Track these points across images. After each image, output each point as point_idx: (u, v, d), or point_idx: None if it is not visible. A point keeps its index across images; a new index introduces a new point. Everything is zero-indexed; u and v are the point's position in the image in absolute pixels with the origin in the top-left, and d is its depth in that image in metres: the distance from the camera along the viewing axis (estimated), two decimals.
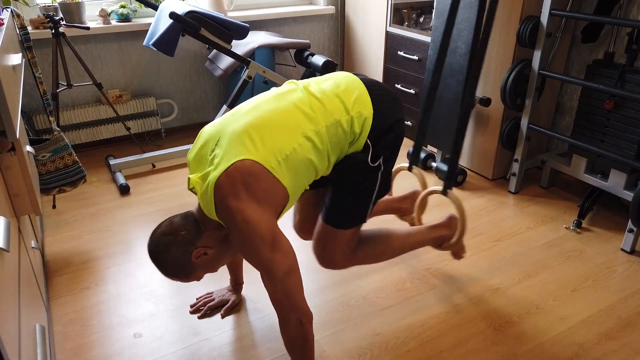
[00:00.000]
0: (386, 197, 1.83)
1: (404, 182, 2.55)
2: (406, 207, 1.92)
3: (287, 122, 1.24)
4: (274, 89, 1.36)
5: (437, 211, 2.27)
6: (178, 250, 1.24)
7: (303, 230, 1.64)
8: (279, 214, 1.25)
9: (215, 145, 1.23)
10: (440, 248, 1.74)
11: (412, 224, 1.95)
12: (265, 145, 1.20)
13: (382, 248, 1.56)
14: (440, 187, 1.76)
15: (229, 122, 1.27)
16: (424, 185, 1.89)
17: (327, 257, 1.47)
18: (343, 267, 1.51)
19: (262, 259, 1.17)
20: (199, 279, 1.33)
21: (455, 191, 2.47)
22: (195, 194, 1.25)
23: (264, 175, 1.18)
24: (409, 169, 1.91)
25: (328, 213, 1.43)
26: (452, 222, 1.73)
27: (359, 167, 1.36)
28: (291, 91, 1.32)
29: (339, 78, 1.37)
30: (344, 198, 1.42)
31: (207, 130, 1.30)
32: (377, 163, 1.37)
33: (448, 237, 1.72)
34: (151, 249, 1.27)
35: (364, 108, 1.32)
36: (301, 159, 1.23)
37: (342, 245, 1.46)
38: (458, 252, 1.79)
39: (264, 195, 1.18)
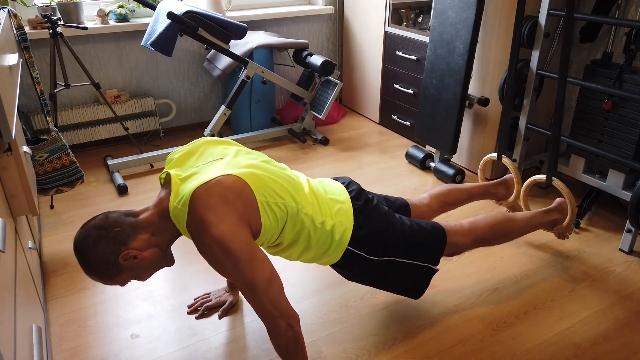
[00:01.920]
0: (483, 182, 2.04)
1: (409, 182, 2.55)
2: (503, 192, 2.07)
3: (286, 186, 1.30)
4: (281, 164, 1.43)
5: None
6: (107, 247, 1.17)
7: None
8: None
9: (215, 160, 1.26)
10: (552, 230, 1.91)
11: (510, 209, 2.15)
12: (261, 180, 1.23)
13: (505, 230, 1.66)
14: (543, 176, 1.96)
15: (238, 152, 1.33)
16: (517, 175, 2.09)
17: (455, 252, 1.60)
18: (469, 249, 1.62)
19: (243, 274, 1.15)
20: (122, 284, 1.25)
21: None
22: (162, 185, 1.27)
23: (248, 197, 1.19)
24: (498, 158, 2.15)
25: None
26: (563, 206, 1.88)
27: (362, 262, 1.44)
28: (297, 174, 1.43)
29: (330, 185, 1.48)
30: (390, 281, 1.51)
31: (212, 144, 1.34)
32: (385, 258, 1.45)
33: (560, 221, 1.87)
34: (78, 240, 1.19)
35: (346, 219, 1.40)
36: (282, 216, 1.27)
37: (451, 250, 1.57)
38: (565, 233, 1.92)
39: (243, 212, 1.17)
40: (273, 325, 1.22)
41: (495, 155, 2.18)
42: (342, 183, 1.52)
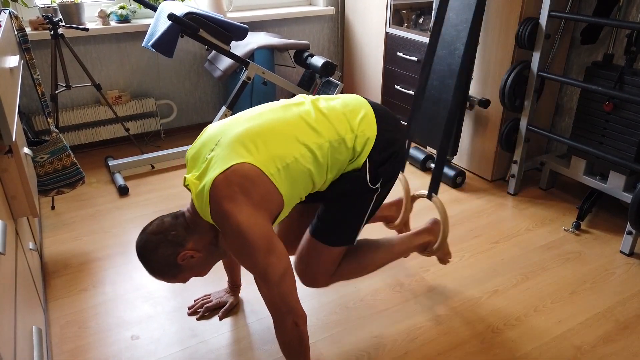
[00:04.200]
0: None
1: (410, 183, 2.54)
2: (392, 215, 1.88)
3: (291, 132, 1.25)
4: (282, 100, 1.37)
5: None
6: (167, 250, 1.24)
7: (286, 245, 1.57)
8: (273, 220, 1.25)
9: (215, 146, 1.24)
10: (424, 254, 1.71)
11: (399, 232, 1.88)
12: (266, 151, 1.21)
13: (366, 263, 1.52)
14: (425, 191, 1.76)
15: (232, 125, 1.27)
16: (407, 191, 1.84)
17: (310, 274, 1.45)
18: (325, 285, 1.48)
19: (257, 263, 1.17)
20: (184, 281, 1.33)
21: (454, 192, 2.47)
22: (190, 191, 1.26)
23: (262, 180, 1.18)
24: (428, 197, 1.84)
25: (318, 228, 1.41)
26: (435, 227, 1.69)
27: (358, 187, 1.36)
28: (299, 104, 1.34)
29: (348, 98, 1.40)
30: (338, 215, 1.40)
31: (209, 130, 1.31)
32: (376, 185, 1.37)
33: (432, 243, 1.69)
34: (140, 245, 1.26)
35: (369, 129, 1.33)
36: (301, 169, 1.23)
37: (327, 263, 1.44)
38: (443, 257, 1.75)
39: (260, 200, 1.18)
40: (280, 320, 1.23)
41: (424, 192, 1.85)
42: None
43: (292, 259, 1.45)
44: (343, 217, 1.41)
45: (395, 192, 2.44)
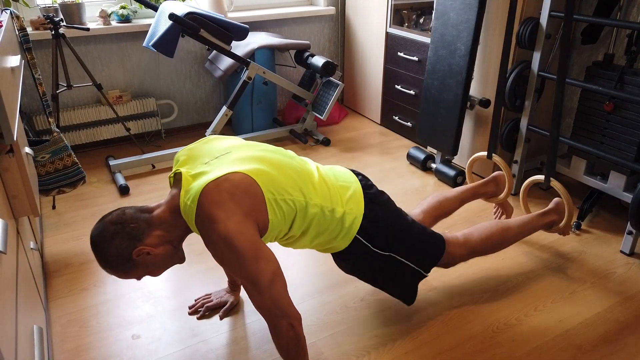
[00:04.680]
0: (472, 184, 2.02)
1: (410, 183, 2.55)
2: (492, 190, 2.06)
3: (296, 179, 1.30)
4: (288, 151, 1.42)
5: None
6: (123, 241, 1.20)
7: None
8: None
9: (223, 155, 1.27)
10: (550, 230, 1.92)
11: (500, 206, 2.15)
12: (269, 179, 1.24)
13: (500, 241, 1.70)
14: (541, 177, 1.95)
15: (248, 146, 1.33)
16: (507, 171, 2.05)
17: (450, 265, 1.63)
18: (466, 260, 1.66)
19: (247, 271, 1.16)
20: (138, 278, 1.28)
21: None
22: (171, 185, 1.28)
23: (255, 193, 1.20)
24: (489, 156, 2.12)
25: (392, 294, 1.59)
26: (560, 206, 1.89)
27: (370, 253, 1.45)
28: (305, 161, 1.42)
29: (339, 172, 1.48)
30: (396, 271, 1.52)
31: (219, 141, 1.35)
32: (387, 253, 1.47)
33: (557, 221, 1.89)
34: (95, 234, 1.21)
35: (357, 207, 1.41)
36: (289, 210, 1.28)
37: (453, 258, 1.61)
38: (565, 231, 1.93)
39: (249, 210, 1.18)
40: (274, 324, 1.23)
41: (484, 153, 2.15)
42: (351, 171, 1.53)
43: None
44: (397, 270, 1.52)
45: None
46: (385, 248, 1.46)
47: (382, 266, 1.48)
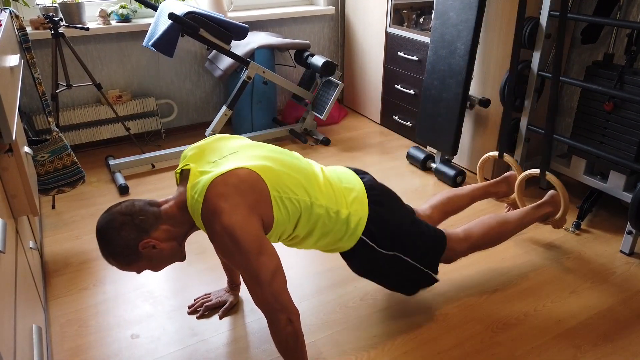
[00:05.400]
0: (483, 183, 2.04)
1: (410, 183, 2.55)
2: (503, 190, 2.09)
3: (302, 179, 1.31)
4: (294, 153, 1.43)
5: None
6: (130, 233, 1.21)
7: None
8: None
9: (230, 154, 1.28)
10: (545, 223, 1.96)
11: (511, 206, 2.19)
12: (276, 176, 1.25)
13: (497, 234, 1.71)
14: (536, 170, 1.99)
15: (252, 147, 1.34)
16: (520, 172, 2.10)
17: (452, 260, 1.65)
18: (465, 255, 1.66)
19: (249, 264, 1.17)
20: (139, 271, 1.29)
21: None
22: (178, 180, 1.29)
23: (262, 191, 1.22)
24: (500, 156, 2.16)
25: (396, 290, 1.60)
26: (555, 199, 1.92)
27: (375, 254, 1.46)
28: (310, 163, 1.43)
29: (342, 174, 1.48)
30: (398, 270, 1.52)
31: (227, 140, 1.36)
32: (391, 252, 1.47)
33: (553, 213, 1.92)
34: (102, 223, 1.22)
35: (361, 208, 1.41)
36: (295, 210, 1.28)
37: (454, 254, 1.62)
38: (560, 224, 1.97)
39: (255, 204, 1.19)
40: (273, 319, 1.23)
41: (495, 153, 2.17)
42: (355, 172, 1.54)
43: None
44: (402, 269, 1.52)
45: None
46: (390, 248, 1.47)
47: (390, 266, 1.49)
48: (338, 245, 1.44)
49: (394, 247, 1.47)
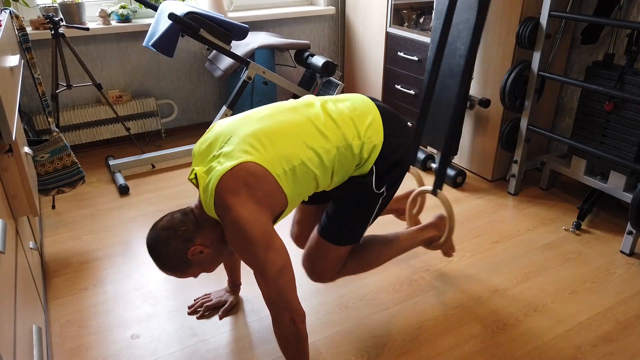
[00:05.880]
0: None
1: (410, 183, 2.54)
2: (403, 207, 1.94)
3: (300, 135, 1.27)
4: (291, 100, 1.38)
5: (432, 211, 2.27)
6: (177, 245, 1.26)
7: (301, 240, 1.69)
8: (276, 217, 1.27)
9: (225, 143, 1.26)
10: (430, 247, 1.76)
11: (411, 224, 1.94)
12: (275, 151, 1.23)
13: (373, 258, 1.58)
14: (430, 187, 1.78)
15: (243, 123, 1.30)
16: (421, 185, 1.90)
17: (317, 272, 1.51)
18: (331, 280, 1.54)
19: (256, 258, 1.18)
20: (195, 276, 1.35)
21: (454, 192, 2.47)
22: (195, 185, 1.28)
23: (267, 179, 1.21)
24: (433, 192, 1.82)
25: (325, 227, 1.47)
26: (441, 222, 1.74)
27: (363, 191, 1.39)
28: (308, 105, 1.36)
29: (356, 101, 1.40)
30: (343, 216, 1.45)
31: (219, 127, 1.33)
32: (381, 190, 1.40)
33: (437, 237, 1.74)
34: (151, 240, 1.28)
35: (375, 135, 1.35)
36: (307, 172, 1.26)
37: (333, 262, 1.49)
38: (447, 251, 1.81)
39: (263, 197, 1.20)
40: (277, 316, 1.24)
41: (427, 187, 1.82)
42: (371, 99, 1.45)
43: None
44: (349, 218, 1.45)
45: (405, 187, 2.44)
46: (382, 186, 1.39)
47: (362, 205, 1.42)
48: (355, 173, 1.37)
49: (388, 188, 1.40)
